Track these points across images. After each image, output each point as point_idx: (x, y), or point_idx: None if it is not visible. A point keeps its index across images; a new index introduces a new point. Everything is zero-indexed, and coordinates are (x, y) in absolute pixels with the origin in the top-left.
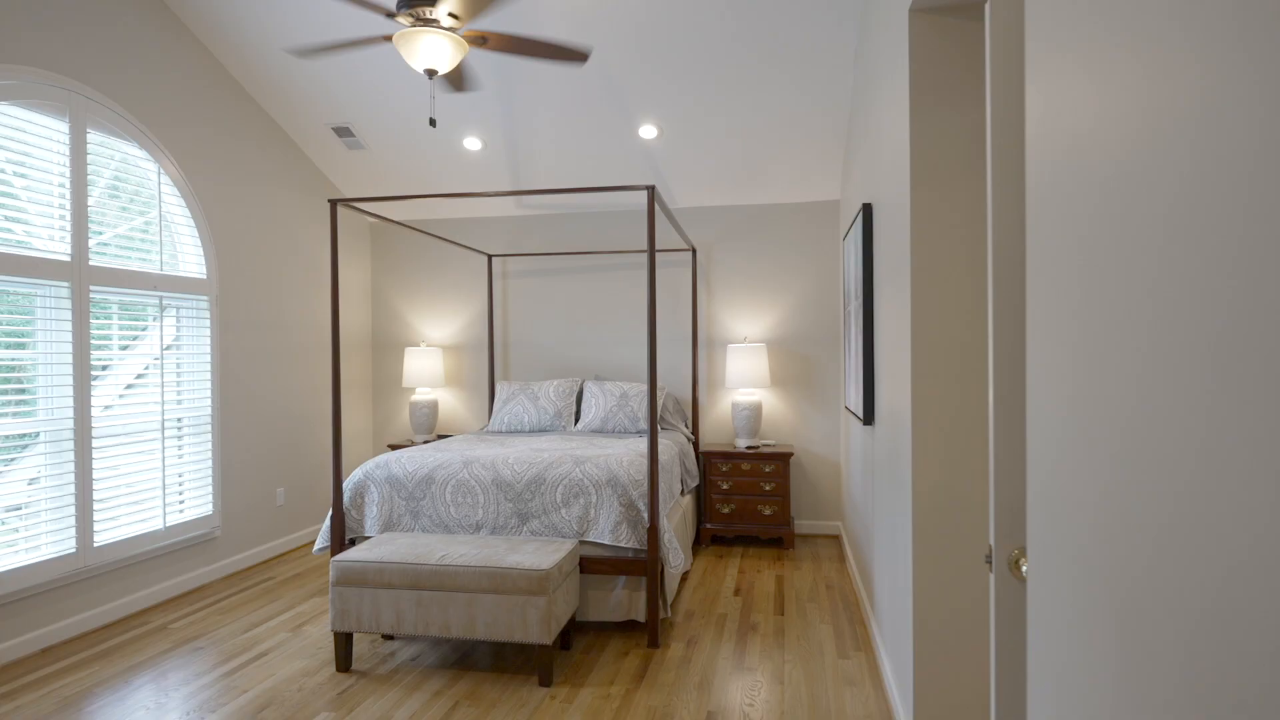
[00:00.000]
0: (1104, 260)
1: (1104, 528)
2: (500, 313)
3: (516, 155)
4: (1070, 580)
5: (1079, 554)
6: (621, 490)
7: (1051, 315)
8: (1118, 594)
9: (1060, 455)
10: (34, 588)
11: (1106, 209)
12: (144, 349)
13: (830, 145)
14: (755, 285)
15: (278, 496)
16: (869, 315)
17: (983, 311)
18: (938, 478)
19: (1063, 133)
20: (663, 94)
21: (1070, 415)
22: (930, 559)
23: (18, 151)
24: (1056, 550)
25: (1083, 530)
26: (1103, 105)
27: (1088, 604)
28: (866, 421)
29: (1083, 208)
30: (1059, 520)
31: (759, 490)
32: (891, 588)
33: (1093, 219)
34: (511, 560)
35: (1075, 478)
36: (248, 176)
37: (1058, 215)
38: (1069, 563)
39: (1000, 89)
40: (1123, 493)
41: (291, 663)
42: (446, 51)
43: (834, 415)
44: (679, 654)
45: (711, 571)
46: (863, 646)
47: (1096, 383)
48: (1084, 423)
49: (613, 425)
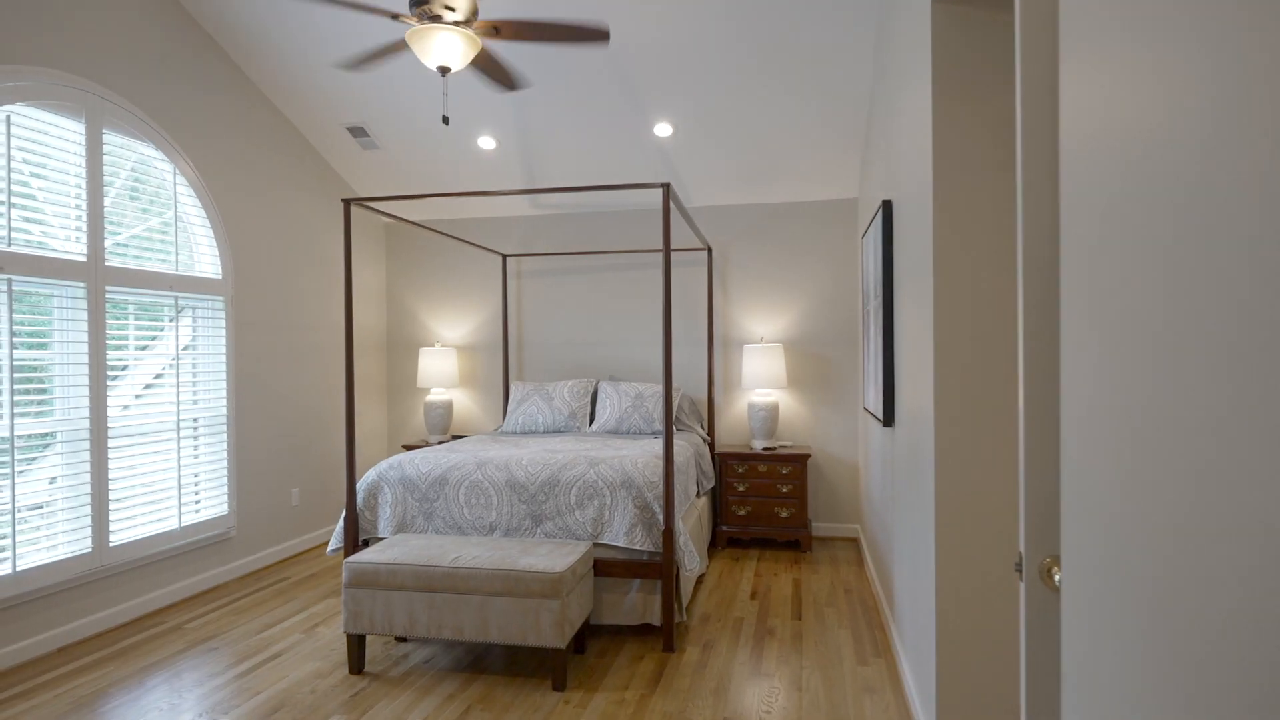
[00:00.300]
0: (1149, 255)
1: (1150, 538)
2: (514, 313)
3: (530, 154)
4: (1111, 593)
5: (1121, 565)
6: (636, 492)
7: (1089, 313)
8: (1167, 610)
9: (1099, 460)
10: (50, 587)
11: (1153, 203)
12: (160, 349)
13: (848, 142)
14: (772, 285)
15: (293, 497)
16: (889, 315)
17: (1008, 309)
18: (961, 481)
19: (1101, 124)
20: (678, 91)
21: (1111, 417)
22: (953, 564)
23: (35, 152)
24: (1095, 560)
25: (1125, 540)
26: (1148, 94)
27: (1131, 618)
28: (886, 423)
29: (1125, 203)
30: (1098, 529)
31: (776, 492)
32: (912, 593)
33: (1138, 214)
34: (525, 563)
35: (1116, 483)
36: (263, 177)
37: (1096, 210)
38: (1109, 574)
39: (1031, 79)
40: (1172, 500)
41: (305, 664)
42: (459, 48)
43: (852, 416)
44: (695, 658)
45: (727, 574)
46: (882, 652)
47: (1141, 383)
48: (1127, 425)
49: (627, 426)
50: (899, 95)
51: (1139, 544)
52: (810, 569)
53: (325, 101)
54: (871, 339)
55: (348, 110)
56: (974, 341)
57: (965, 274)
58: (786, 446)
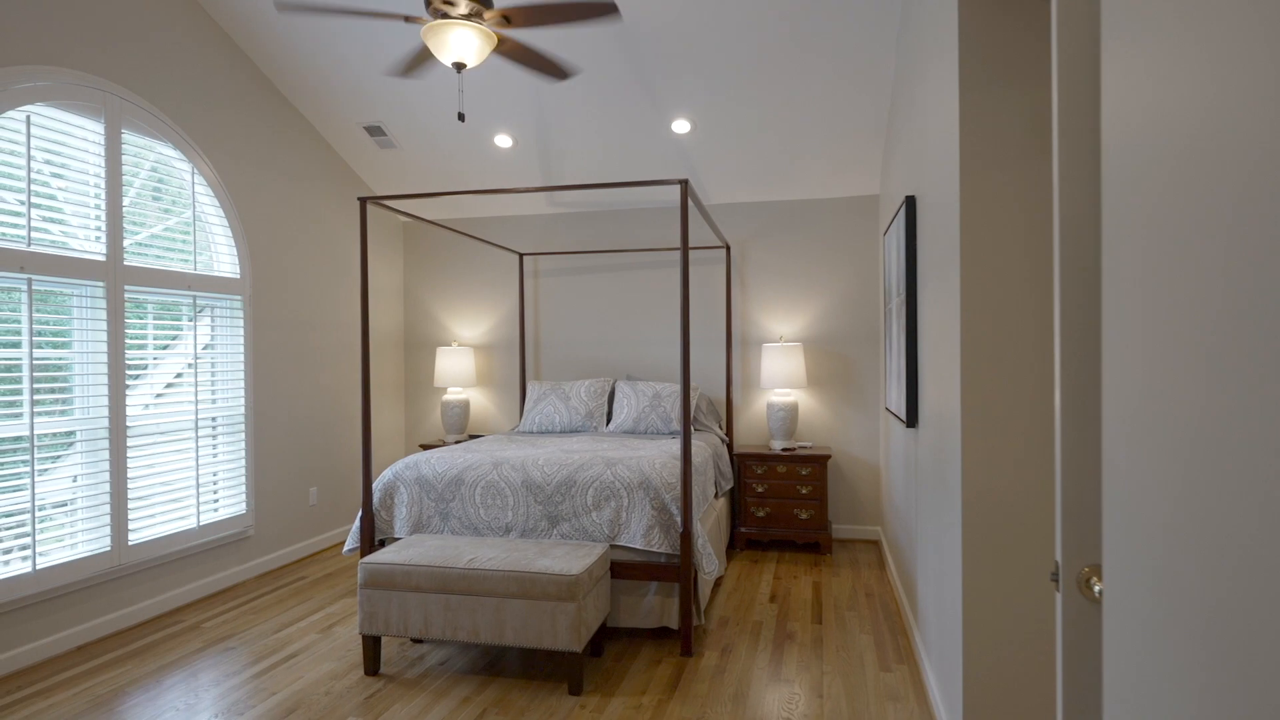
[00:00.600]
0: (1204, 252)
1: (1207, 550)
2: (531, 312)
3: (548, 152)
4: (1162, 607)
5: (1174, 578)
6: (654, 493)
7: (1139, 312)
8: (1226, 627)
9: (1149, 466)
10: (69, 585)
11: (1209, 197)
12: (178, 348)
13: (869, 137)
14: (791, 283)
15: (310, 496)
16: (912, 313)
17: (1039, 307)
18: (989, 485)
19: (1149, 112)
20: (696, 87)
21: (1163, 421)
22: (981, 571)
23: (55, 152)
24: (1144, 572)
25: (1179, 552)
26: (1204, 79)
27: (1184, 635)
28: (909, 424)
29: (1177, 196)
30: (1146, 539)
31: (795, 493)
32: (937, 599)
33: (1191, 208)
34: (541, 564)
35: (1169, 492)
36: (281, 176)
37: (1144, 204)
38: (1160, 587)
39: (1069, 65)
40: (1231, 511)
41: (320, 665)
42: (474, 44)
43: (873, 417)
44: (713, 663)
45: (746, 577)
46: (905, 659)
47: (1197, 385)
48: (1181, 430)
49: (645, 426)
50: (923, 86)
51: (1194, 556)
52: (830, 572)
53: (342, 101)
54: (894, 338)
55: (365, 109)
56: (1002, 340)
57: (993, 270)
58: (806, 447)
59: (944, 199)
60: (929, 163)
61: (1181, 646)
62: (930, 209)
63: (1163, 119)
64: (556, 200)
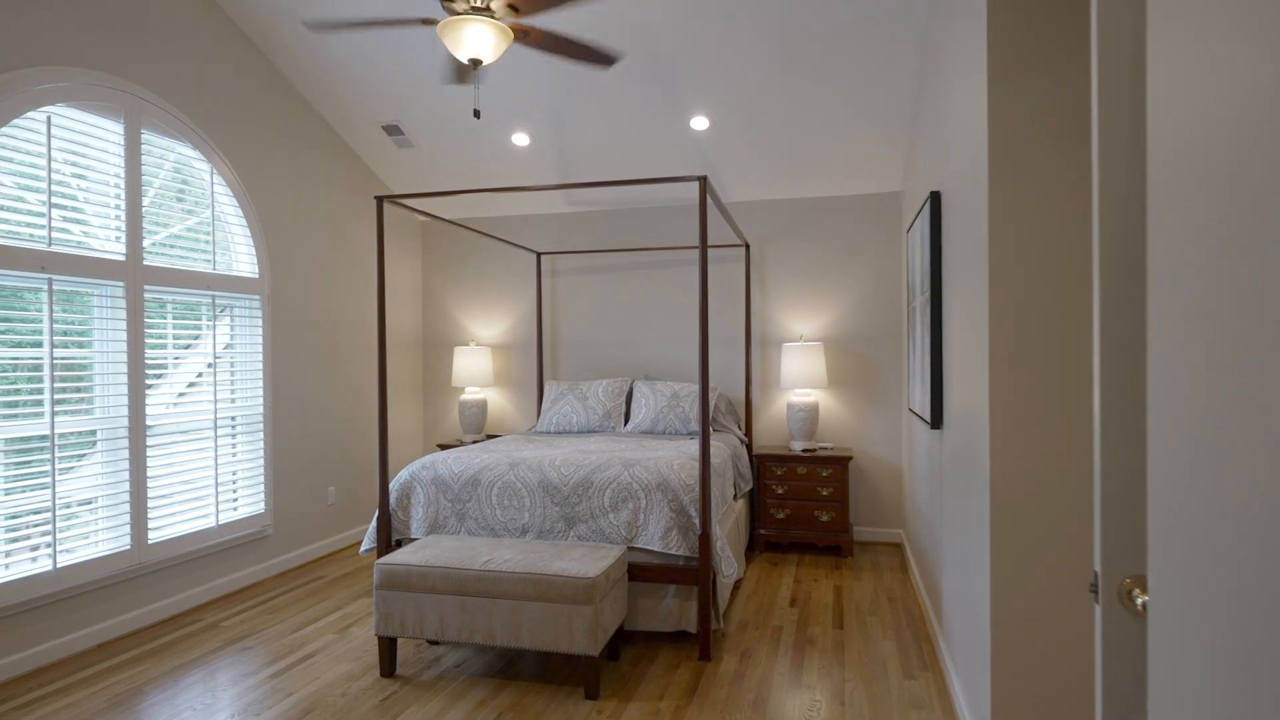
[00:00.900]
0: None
1: (1270, 562)
2: (549, 311)
3: (565, 150)
4: (1219, 626)
5: (1226, 593)
6: (672, 495)
7: (1187, 307)
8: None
9: (1199, 471)
10: (89, 584)
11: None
12: (199, 348)
13: (892, 133)
14: (811, 281)
15: (329, 495)
16: (937, 312)
17: (1071, 303)
18: (1019, 489)
19: (1201, 103)
20: (714, 83)
21: (1215, 425)
22: (1010, 578)
23: (75, 153)
24: (1193, 586)
25: (1234, 564)
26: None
27: (1245, 657)
28: (934, 425)
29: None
30: (1196, 549)
31: (816, 495)
32: (963, 606)
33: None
34: (557, 567)
35: (1221, 499)
36: (299, 176)
37: (1195, 200)
38: (1211, 602)
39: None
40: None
41: (337, 666)
42: (489, 39)
43: (896, 417)
44: (732, 668)
45: (766, 580)
46: (930, 666)
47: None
48: (1238, 433)
49: (663, 426)
50: (950, 76)
51: (1255, 570)
52: (852, 575)
53: (360, 100)
54: (917, 337)
55: (383, 109)
56: (1032, 338)
57: (1023, 266)
58: (827, 448)
59: (971, 193)
60: (955, 156)
61: (1238, 668)
62: (956, 204)
63: (1219, 107)
64: (574, 199)
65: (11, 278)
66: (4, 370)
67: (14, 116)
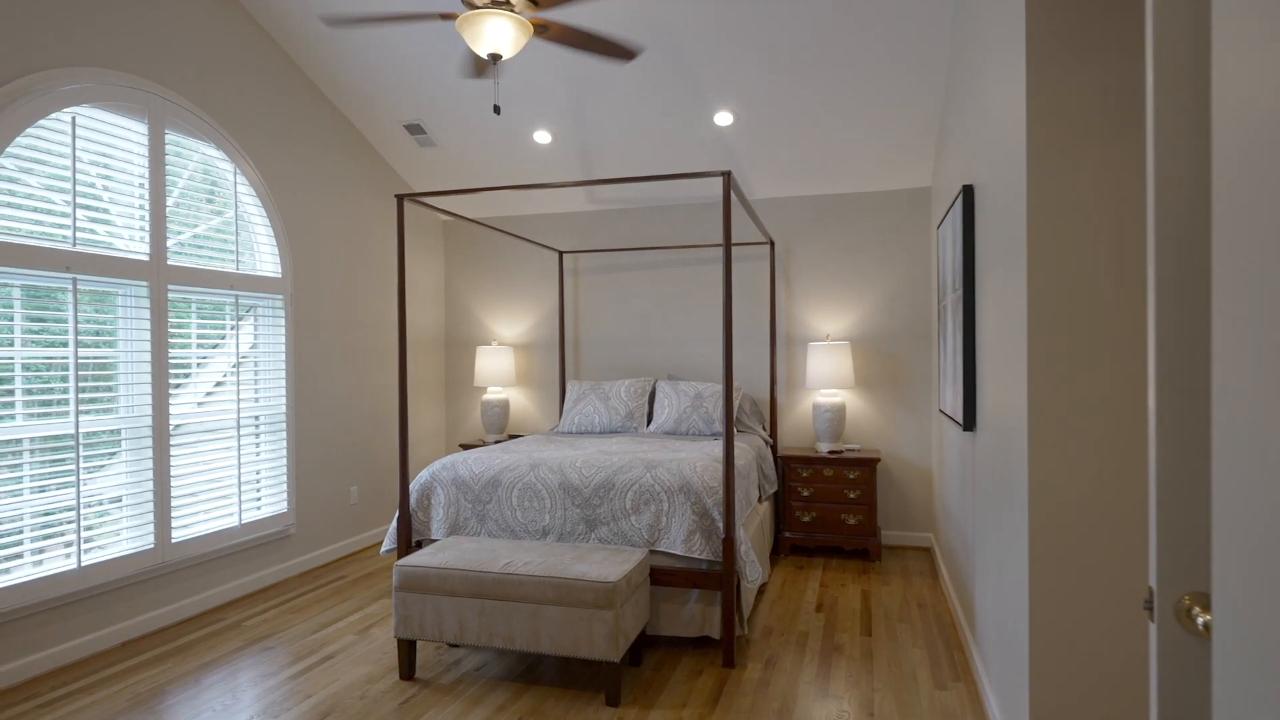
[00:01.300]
0: None
1: None
2: (571, 310)
3: (588, 147)
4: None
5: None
6: (695, 497)
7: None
8: None
9: (1276, 482)
10: (113, 582)
11: None
12: (224, 347)
13: (921, 127)
14: (838, 279)
15: (351, 495)
16: (970, 310)
17: (1117, 300)
18: (1060, 497)
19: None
20: (739, 77)
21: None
22: (1051, 590)
23: (99, 153)
24: (1268, 607)
25: None
26: None
27: None
28: (966, 427)
29: None
30: (1270, 568)
31: (842, 498)
32: (998, 616)
33: None
34: (577, 570)
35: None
36: (322, 176)
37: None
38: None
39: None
40: None
41: (356, 668)
42: (509, 34)
43: (925, 419)
44: (756, 675)
45: (791, 584)
46: (962, 676)
47: None
48: None
49: (686, 427)
50: (984, 64)
51: None
52: (880, 580)
53: (383, 99)
54: (949, 336)
55: (405, 108)
56: (1074, 338)
57: (1064, 261)
58: (854, 450)
59: (1008, 186)
60: (990, 148)
61: None
62: (991, 198)
63: None
64: (596, 197)
65: (37, 278)
66: (30, 370)
67: (39, 117)
